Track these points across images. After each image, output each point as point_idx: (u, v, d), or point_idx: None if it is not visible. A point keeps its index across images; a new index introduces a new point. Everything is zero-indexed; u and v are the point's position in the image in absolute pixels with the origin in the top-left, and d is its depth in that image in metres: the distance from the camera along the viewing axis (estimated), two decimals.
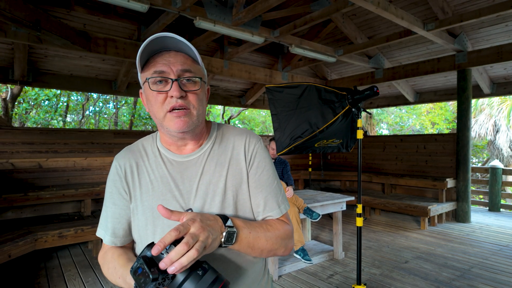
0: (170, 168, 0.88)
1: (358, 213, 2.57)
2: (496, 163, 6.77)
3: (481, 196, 7.81)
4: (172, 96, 0.78)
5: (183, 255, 0.60)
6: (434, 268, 3.54)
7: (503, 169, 6.61)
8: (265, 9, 4.07)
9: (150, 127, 14.84)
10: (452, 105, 14.25)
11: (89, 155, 4.92)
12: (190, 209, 0.84)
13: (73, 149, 4.77)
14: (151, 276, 0.59)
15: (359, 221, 2.56)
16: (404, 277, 3.31)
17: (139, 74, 0.85)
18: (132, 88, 6.78)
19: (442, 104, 14.75)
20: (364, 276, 3.32)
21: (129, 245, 0.93)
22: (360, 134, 2.44)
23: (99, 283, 3.13)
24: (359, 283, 2.58)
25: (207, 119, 1.13)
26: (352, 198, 3.95)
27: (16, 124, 12.00)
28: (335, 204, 3.78)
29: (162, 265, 0.59)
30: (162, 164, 0.89)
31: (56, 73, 5.85)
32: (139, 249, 0.90)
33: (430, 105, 15.10)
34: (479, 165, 14.79)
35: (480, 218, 5.91)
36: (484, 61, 5.44)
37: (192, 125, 0.82)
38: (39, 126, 12.46)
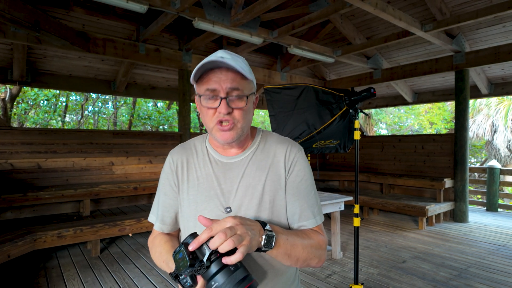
0: (215, 168, 0.96)
1: (355, 213, 2.59)
2: (493, 163, 6.80)
3: (479, 196, 7.84)
4: (220, 112, 0.85)
5: (221, 244, 0.65)
6: (431, 268, 3.56)
7: (500, 169, 6.65)
8: (263, 10, 4.08)
9: (149, 127, 14.83)
10: (450, 105, 14.29)
11: (88, 156, 4.92)
12: (229, 207, 0.91)
13: (72, 150, 4.77)
14: (188, 262, 0.66)
15: (356, 221, 2.58)
16: (401, 276, 3.33)
17: (194, 85, 0.92)
18: (131, 89, 6.79)
19: (441, 104, 14.79)
20: (362, 275, 3.35)
21: (175, 233, 1.03)
22: (357, 135, 2.46)
23: (98, 283, 3.14)
24: (356, 282, 2.60)
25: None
26: (351, 198, 3.96)
27: (15, 125, 11.99)
28: (333, 204, 3.80)
29: (211, 244, 0.66)
30: (209, 163, 0.97)
31: (55, 73, 5.86)
32: (183, 238, 0.98)
33: (429, 105, 15.13)
34: (477, 165, 14.84)
35: (478, 218, 5.94)
36: (482, 62, 5.47)
37: (236, 137, 0.89)
38: (38, 126, 12.45)
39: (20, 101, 11.75)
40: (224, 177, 0.94)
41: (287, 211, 0.93)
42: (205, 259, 0.66)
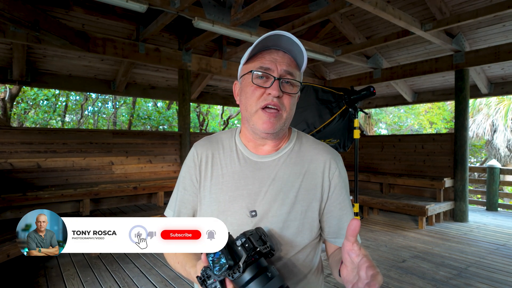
0: (243, 165, 0.87)
1: (355, 213, 2.59)
2: (493, 162, 6.80)
3: (479, 196, 7.83)
4: (269, 94, 0.78)
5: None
6: (431, 267, 3.56)
7: (500, 168, 6.65)
8: (263, 9, 4.08)
9: (149, 127, 14.83)
10: (450, 105, 14.28)
11: (88, 155, 4.92)
12: (255, 210, 0.83)
13: (71, 149, 4.77)
14: (227, 264, 0.60)
15: None
16: (401, 276, 3.33)
17: (241, 65, 0.86)
18: (131, 88, 6.79)
19: (440, 103, 14.78)
20: None
21: None
22: (357, 134, 2.46)
23: (98, 282, 3.14)
24: None
25: (206, 119, 1.13)
26: (350, 197, 3.96)
27: (14, 124, 11.98)
28: None
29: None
30: (237, 159, 0.88)
31: (54, 73, 5.85)
32: None
33: (429, 104, 15.12)
34: (477, 164, 14.84)
35: (478, 218, 5.94)
36: (482, 61, 5.46)
37: (278, 127, 0.81)
38: (37, 126, 12.45)
39: (20, 100, 11.74)
40: (253, 177, 0.85)
41: (329, 224, 0.88)
42: (241, 262, 0.61)
